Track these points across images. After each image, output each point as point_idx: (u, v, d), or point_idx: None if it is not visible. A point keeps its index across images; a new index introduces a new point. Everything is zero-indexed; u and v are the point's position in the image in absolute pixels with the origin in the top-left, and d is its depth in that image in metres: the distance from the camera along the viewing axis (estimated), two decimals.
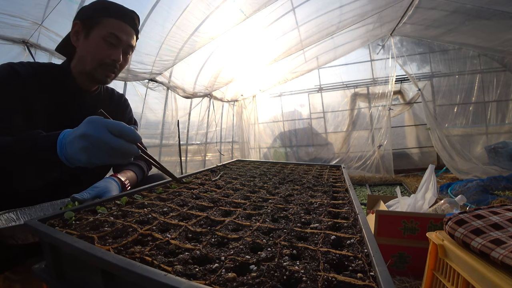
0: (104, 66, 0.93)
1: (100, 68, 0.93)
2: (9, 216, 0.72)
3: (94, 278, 0.44)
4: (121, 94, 1.23)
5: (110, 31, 0.89)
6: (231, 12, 2.40)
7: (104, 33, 0.89)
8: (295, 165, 1.43)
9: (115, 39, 0.91)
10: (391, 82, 4.77)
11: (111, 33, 0.89)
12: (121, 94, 1.23)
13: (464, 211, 0.89)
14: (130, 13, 0.95)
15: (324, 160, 5.35)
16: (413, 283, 1.37)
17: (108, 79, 0.98)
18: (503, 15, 3.03)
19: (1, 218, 0.70)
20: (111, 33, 0.89)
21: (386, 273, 0.37)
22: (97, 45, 0.90)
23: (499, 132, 4.61)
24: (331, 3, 3.23)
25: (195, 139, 4.06)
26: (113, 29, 0.90)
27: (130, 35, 0.96)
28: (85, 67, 0.93)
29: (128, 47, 0.97)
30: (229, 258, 0.43)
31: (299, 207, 0.70)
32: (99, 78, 0.95)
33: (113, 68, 0.95)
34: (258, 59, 3.79)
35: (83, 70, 0.94)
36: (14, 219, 0.72)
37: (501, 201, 2.56)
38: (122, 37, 0.92)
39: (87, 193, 0.79)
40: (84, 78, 0.96)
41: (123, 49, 0.95)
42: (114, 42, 0.91)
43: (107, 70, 0.94)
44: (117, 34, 0.90)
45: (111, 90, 1.19)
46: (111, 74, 0.97)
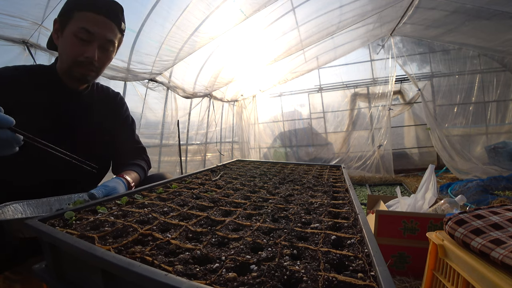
0: (79, 64, 0.87)
1: (76, 67, 0.87)
2: (15, 207, 0.72)
3: (94, 278, 0.44)
4: (117, 93, 1.19)
5: (81, 25, 0.83)
6: (231, 12, 2.40)
7: (75, 28, 0.83)
8: (295, 165, 1.43)
9: (87, 34, 0.84)
10: (391, 82, 4.77)
11: (81, 28, 0.83)
12: (116, 92, 1.19)
13: (464, 211, 0.89)
14: (107, 4, 0.87)
15: (324, 160, 5.35)
16: (413, 283, 1.37)
17: (88, 77, 0.92)
18: (503, 15, 3.03)
19: (8, 209, 0.69)
20: (82, 28, 0.83)
21: (386, 273, 0.37)
22: (70, 42, 0.84)
23: (499, 132, 4.61)
24: (331, 3, 3.23)
25: (195, 139, 4.06)
26: (84, 24, 0.83)
27: (107, 28, 0.87)
28: (63, 66, 0.89)
29: (105, 42, 0.89)
30: (229, 258, 0.43)
31: (300, 207, 0.70)
32: (77, 76, 0.90)
33: (90, 66, 0.89)
34: (258, 59, 3.79)
35: (63, 69, 0.90)
36: (20, 210, 0.72)
37: (501, 201, 2.56)
38: (94, 31, 0.84)
39: (101, 191, 0.79)
40: (67, 77, 0.92)
41: (100, 44, 0.88)
42: (86, 38, 0.84)
43: (83, 69, 0.88)
44: (88, 29, 0.83)
45: (106, 88, 1.15)
46: (89, 72, 0.91)
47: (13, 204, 0.72)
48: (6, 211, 0.69)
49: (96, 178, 1.13)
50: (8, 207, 0.70)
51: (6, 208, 0.69)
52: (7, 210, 0.69)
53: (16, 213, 0.71)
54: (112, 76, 2.13)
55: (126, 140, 1.18)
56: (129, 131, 1.20)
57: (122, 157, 1.15)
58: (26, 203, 0.76)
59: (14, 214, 0.70)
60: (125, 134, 1.18)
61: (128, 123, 1.20)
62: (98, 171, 1.13)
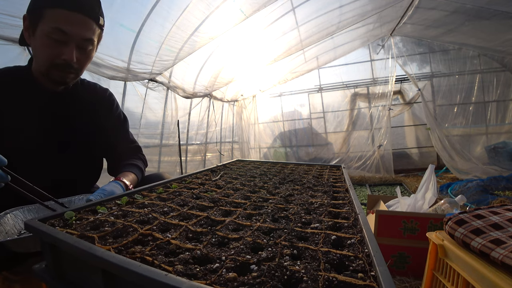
0: (57, 67, 0.81)
1: (54, 69, 0.81)
2: (16, 213, 0.72)
3: (94, 278, 0.44)
4: (105, 89, 1.11)
5: (54, 25, 0.75)
6: (231, 12, 2.40)
7: (47, 28, 0.75)
8: (295, 165, 1.43)
9: (61, 34, 0.76)
10: (391, 82, 4.77)
11: (55, 28, 0.75)
12: (104, 88, 1.11)
13: (464, 211, 0.89)
14: None
15: (324, 160, 5.35)
16: (413, 283, 1.37)
17: (67, 79, 0.86)
18: (503, 15, 3.03)
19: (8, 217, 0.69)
20: (55, 28, 0.75)
21: (386, 273, 0.37)
22: (44, 43, 0.77)
23: (499, 132, 4.61)
24: (331, 3, 3.23)
25: (195, 139, 4.06)
26: (57, 23, 0.75)
27: (83, 26, 0.79)
28: (39, 68, 0.83)
29: (84, 42, 0.81)
30: (229, 258, 0.43)
31: (300, 207, 0.70)
32: (57, 79, 0.84)
33: (68, 68, 0.82)
34: (258, 59, 3.79)
35: (39, 71, 0.84)
36: (21, 217, 0.72)
37: (501, 201, 2.56)
38: (69, 30, 0.76)
39: (99, 196, 0.78)
40: (43, 79, 0.85)
41: (78, 44, 0.80)
42: (61, 39, 0.77)
43: (62, 71, 0.82)
44: (62, 28, 0.75)
45: (93, 84, 1.06)
46: (68, 74, 0.84)
47: (14, 212, 0.71)
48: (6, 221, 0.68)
49: (93, 177, 1.13)
50: (8, 215, 0.69)
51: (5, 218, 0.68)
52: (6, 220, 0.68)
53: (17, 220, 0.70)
54: (112, 76, 2.13)
55: (120, 140, 1.14)
56: (123, 130, 1.16)
57: (117, 157, 1.12)
58: (27, 208, 0.75)
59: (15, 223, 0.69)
60: (118, 134, 1.14)
61: (121, 121, 1.15)
62: (94, 170, 1.12)
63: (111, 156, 1.14)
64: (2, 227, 0.66)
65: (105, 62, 1.91)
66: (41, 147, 0.91)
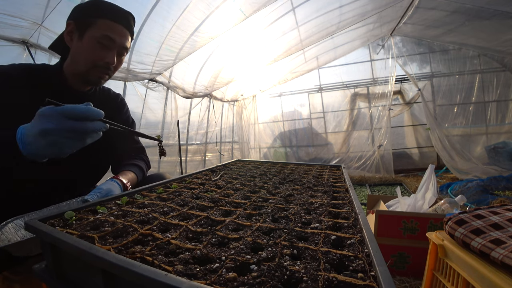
0: (97, 68, 0.91)
1: (93, 70, 0.91)
2: (17, 222, 0.71)
3: (94, 278, 0.44)
4: (118, 94, 1.21)
5: (104, 33, 0.87)
6: (231, 12, 2.40)
7: (97, 34, 0.87)
8: (295, 165, 1.43)
9: (109, 41, 0.89)
10: (391, 82, 4.77)
11: (105, 35, 0.87)
12: (117, 93, 1.21)
13: (464, 211, 0.89)
14: (125, 14, 0.93)
15: (324, 160, 5.35)
16: (413, 283, 1.37)
17: (101, 80, 0.97)
18: (503, 15, 3.03)
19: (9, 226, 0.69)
20: (105, 35, 0.87)
21: (386, 273, 0.37)
22: (91, 46, 0.88)
23: (499, 132, 4.61)
24: (331, 3, 3.23)
25: (195, 139, 4.06)
26: (107, 31, 0.87)
27: (125, 37, 0.93)
28: (78, 68, 0.91)
29: (122, 49, 0.95)
30: (229, 258, 0.43)
31: (300, 207, 0.70)
32: (92, 79, 0.94)
33: (107, 70, 0.94)
34: (258, 59, 3.79)
35: (76, 71, 0.92)
36: (22, 225, 0.72)
37: (501, 201, 2.56)
38: (116, 39, 0.90)
39: (96, 195, 0.79)
40: (76, 79, 0.94)
41: (117, 51, 0.93)
42: (107, 44, 0.89)
43: (100, 72, 0.93)
44: (111, 36, 0.88)
45: (107, 89, 1.17)
46: (104, 75, 0.95)
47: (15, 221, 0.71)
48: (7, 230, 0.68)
49: (94, 177, 1.13)
50: (9, 224, 0.69)
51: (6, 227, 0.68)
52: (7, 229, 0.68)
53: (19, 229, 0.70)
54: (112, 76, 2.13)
55: (125, 140, 1.18)
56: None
57: (121, 157, 1.15)
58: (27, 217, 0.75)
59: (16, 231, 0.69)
60: (126, 136, 1.19)
61: (129, 123, 1.21)
62: (97, 170, 1.13)
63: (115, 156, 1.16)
64: (4, 235, 0.65)
65: None
66: None
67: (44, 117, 0.56)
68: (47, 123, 0.56)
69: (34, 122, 0.58)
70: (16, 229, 0.70)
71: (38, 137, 0.56)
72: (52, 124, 0.56)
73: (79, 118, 0.58)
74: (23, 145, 0.59)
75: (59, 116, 0.56)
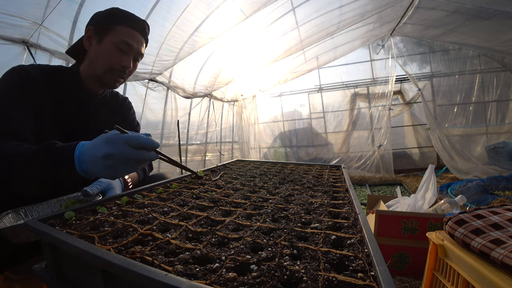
0: (114, 71, 0.96)
1: (110, 73, 0.96)
2: (17, 214, 0.72)
3: (94, 278, 0.44)
4: (125, 97, 1.26)
5: (122, 38, 0.93)
6: (231, 12, 2.40)
7: (116, 40, 0.93)
8: (295, 165, 1.43)
9: (127, 46, 0.94)
10: (391, 82, 4.77)
11: (123, 40, 0.93)
12: (125, 97, 1.26)
13: (464, 211, 0.89)
14: (142, 22, 1.00)
15: (324, 160, 5.35)
16: (413, 283, 1.37)
17: (116, 83, 1.01)
18: (503, 15, 3.03)
19: (10, 216, 0.70)
20: (123, 40, 0.93)
21: (386, 273, 0.37)
22: (109, 51, 0.93)
23: (499, 132, 4.61)
24: (331, 3, 3.23)
25: (195, 139, 4.06)
26: (125, 37, 0.93)
27: (141, 43, 0.99)
28: (96, 71, 0.96)
29: (138, 54, 1.00)
30: (229, 258, 0.43)
31: (300, 207, 0.70)
32: (108, 82, 0.98)
33: (123, 73, 0.99)
34: (258, 59, 3.79)
35: (93, 74, 0.97)
36: (23, 217, 0.72)
37: (501, 201, 2.56)
38: (133, 44, 0.95)
39: (96, 187, 0.81)
40: (93, 81, 0.99)
41: (133, 56, 0.99)
42: (125, 49, 0.95)
43: (116, 76, 0.98)
44: (128, 42, 0.94)
45: (116, 93, 1.21)
46: (120, 79, 1.00)
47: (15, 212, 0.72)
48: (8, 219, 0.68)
49: None
50: (10, 214, 0.70)
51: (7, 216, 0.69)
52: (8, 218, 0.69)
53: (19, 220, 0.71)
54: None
55: None
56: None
57: None
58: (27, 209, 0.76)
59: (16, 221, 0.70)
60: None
61: (134, 126, 1.26)
62: None
63: None
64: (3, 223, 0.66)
65: None
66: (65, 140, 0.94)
67: (110, 143, 0.60)
68: (112, 148, 0.59)
69: (98, 144, 0.61)
70: (16, 219, 0.70)
71: (100, 159, 0.60)
72: (116, 150, 0.59)
73: (140, 147, 0.61)
74: (80, 163, 0.62)
75: (123, 143, 0.59)
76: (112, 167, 0.60)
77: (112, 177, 0.64)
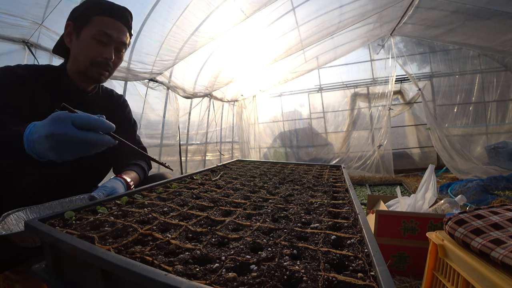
0: (97, 64, 0.92)
1: (93, 67, 0.93)
2: (18, 214, 0.72)
3: (94, 278, 0.44)
4: (120, 95, 1.23)
5: (100, 29, 0.89)
6: (232, 12, 2.40)
7: (93, 31, 0.88)
8: (295, 165, 1.43)
9: (106, 36, 0.90)
10: (391, 82, 4.77)
11: (100, 30, 0.89)
12: (120, 94, 1.23)
13: (464, 211, 0.89)
14: (121, 9, 0.94)
15: (324, 160, 5.35)
16: (413, 283, 1.37)
17: (102, 77, 0.97)
18: (503, 15, 3.03)
19: (11, 218, 0.69)
20: (101, 30, 0.89)
21: (386, 273, 0.37)
22: (88, 44, 0.89)
23: (499, 132, 4.61)
24: (331, 3, 3.23)
25: (195, 139, 4.06)
26: (102, 27, 0.89)
27: (122, 32, 0.94)
28: (79, 66, 0.93)
29: (120, 44, 0.95)
30: (229, 258, 0.43)
31: (299, 207, 0.70)
32: (93, 76, 0.95)
33: (106, 66, 0.95)
34: (258, 59, 3.79)
35: (78, 70, 0.94)
36: (23, 218, 0.72)
37: (501, 201, 2.56)
38: (112, 34, 0.91)
39: (102, 193, 0.81)
40: (79, 77, 0.96)
41: (115, 46, 0.94)
42: (104, 40, 0.90)
43: (100, 69, 0.94)
44: (107, 32, 0.89)
45: (110, 90, 1.19)
46: (104, 72, 0.96)
47: (16, 213, 0.72)
48: (9, 220, 0.68)
49: (96, 178, 1.14)
50: (11, 216, 0.70)
51: (9, 218, 0.69)
52: (9, 219, 0.69)
53: (20, 221, 0.70)
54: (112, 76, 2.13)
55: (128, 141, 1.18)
56: (131, 132, 1.23)
57: (123, 157, 1.16)
58: (29, 209, 0.75)
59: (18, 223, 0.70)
60: (127, 135, 1.18)
61: (131, 124, 1.23)
62: (99, 171, 1.13)
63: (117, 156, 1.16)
64: (6, 225, 0.66)
65: None
66: None
67: (54, 121, 0.57)
68: (55, 127, 0.56)
69: (45, 123, 0.59)
70: (18, 220, 0.70)
71: (44, 138, 0.57)
72: (58, 129, 0.56)
73: (88, 128, 0.58)
74: (28, 142, 0.60)
75: (67, 123, 0.56)
76: (55, 148, 0.57)
77: (58, 158, 0.60)
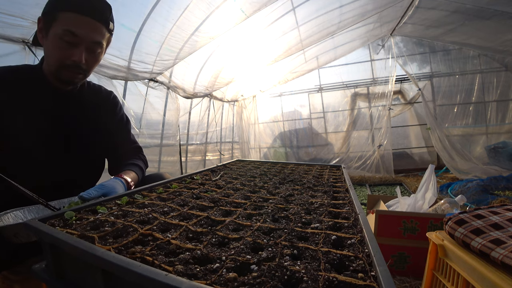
0: (66, 67, 0.84)
1: (64, 70, 0.85)
2: (16, 214, 0.72)
3: (94, 278, 0.44)
4: (110, 91, 1.15)
5: (65, 28, 0.78)
6: (232, 12, 2.40)
7: (59, 31, 0.79)
8: (295, 165, 1.43)
9: (72, 36, 0.79)
10: (391, 82, 4.77)
11: (66, 30, 0.78)
12: (109, 91, 1.15)
13: (464, 211, 0.89)
14: (92, 3, 0.82)
15: (324, 160, 5.35)
16: (413, 283, 1.37)
17: (75, 80, 0.89)
18: (503, 15, 3.03)
19: (9, 216, 0.69)
20: (66, 30, 0.78)
21: (387, 273, 0.37)
22: (55, 45, 0.81)
23: (499, 132, 4.61)
24: (331, 3, 3.22)
25: (195, 139, 4.06)
26: (68, 26, 0.78)
27: (93, 30, 0.83)
28: (50, 68, 0.86)
29: (92, 44, 0.85)
30: (230, 258, 0.43)
31: (300, 207, 0.70)
32: (66, 79, 0.87)
33: (78, 69, 0.86)
34: (258, 59, 3.79)
35: (49, 71, 0.87)
36: (21, 217, 0.72)
37: (501, 201, 2.56)
38: (79, 33, 0.80)
39: (94, 191, 0.79)
40: (53, 79, 0.89)
41: (87, 46, 0.84)
42: (72, 41, 0.80)
43: (71, 72, 0.86)
44: (73, 31, 0.79)
45: (99, 87, 1.11)
46: (77, 75, 0.88)
47: (14, 212, 0.72)
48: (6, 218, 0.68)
49: (94, 178, 1.13)
50: (8, 214, 0.70)
51: (6, 216, 0.69)
52: (7, 218, 0.69)
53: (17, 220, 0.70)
54: (113, 76, 2.13)
55: (122, 140, 1.16)
56: (125, 131, 1.18)
57: (118, 157, 1.14)
58: (27, 209, 0.75)
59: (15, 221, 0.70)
60: (121, 134, 1.16)
61: (123, 122, 1.18)
62: (95, 170, 1.13)
63: (112, 156, 1.15)
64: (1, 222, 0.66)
65: (106, 61, 1.91)
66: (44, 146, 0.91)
67: None
68: None
69: None
70: (15, 219, 0.70)
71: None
72: None
73: None
74: None
75: None
76: None
77: None
